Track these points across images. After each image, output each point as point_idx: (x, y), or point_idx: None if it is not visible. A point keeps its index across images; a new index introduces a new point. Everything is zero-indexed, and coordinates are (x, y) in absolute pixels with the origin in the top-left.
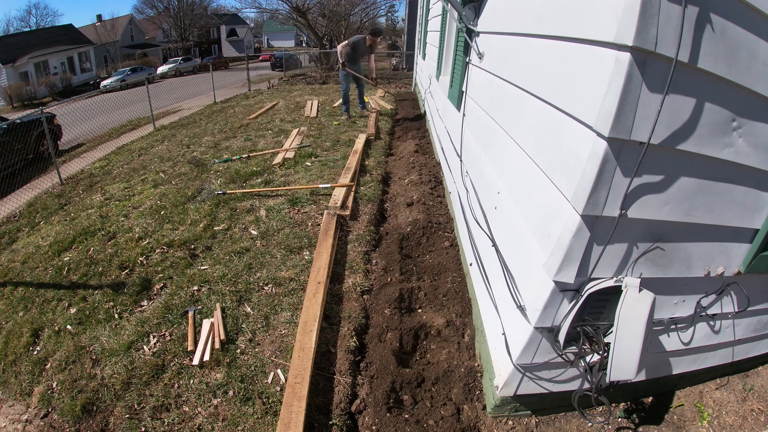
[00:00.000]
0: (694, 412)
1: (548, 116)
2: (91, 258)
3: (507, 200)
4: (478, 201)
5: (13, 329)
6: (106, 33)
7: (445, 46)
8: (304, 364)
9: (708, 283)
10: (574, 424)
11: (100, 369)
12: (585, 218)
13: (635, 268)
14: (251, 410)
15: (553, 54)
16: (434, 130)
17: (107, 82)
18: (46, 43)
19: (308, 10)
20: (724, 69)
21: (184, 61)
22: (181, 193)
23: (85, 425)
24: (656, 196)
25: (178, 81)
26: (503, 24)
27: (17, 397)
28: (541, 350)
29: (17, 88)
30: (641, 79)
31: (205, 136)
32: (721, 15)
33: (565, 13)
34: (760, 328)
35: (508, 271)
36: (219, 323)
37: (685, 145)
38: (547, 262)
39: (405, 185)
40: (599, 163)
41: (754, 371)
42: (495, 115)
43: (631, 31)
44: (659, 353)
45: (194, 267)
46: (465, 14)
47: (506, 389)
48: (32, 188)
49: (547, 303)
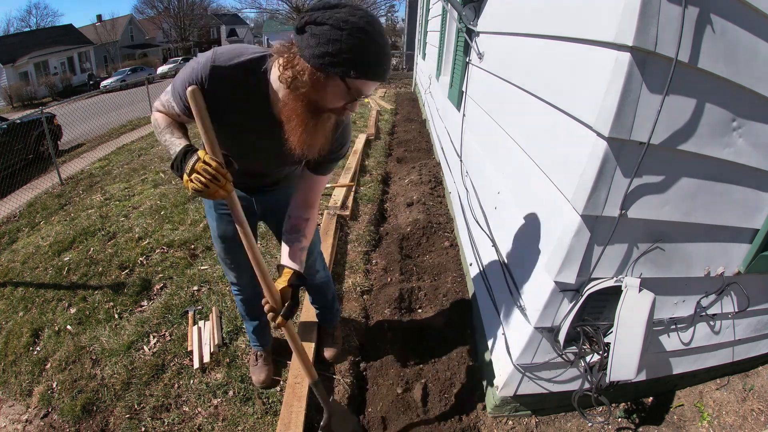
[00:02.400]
0: (694, 412)
1: (548, 116)
2: (91, 258)
3: (507, 200)
4: (478, 201)
5: (13, 329)
6: (106, 33)
7: (445, 46)
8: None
9: (708, 283)
10: (574, 424)
11: (100, 369)
12: (585, 218)
13: (635, 268)
14: (251, 410)
15: (553, 54)
16: (434, 130)
17: (107, 82)
18: (46, 43)
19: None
20: (724, 69)
21: (184, 62)
22: (181, 193)
23: (85, 425)
24: (656, 196)
25: None
26: (503, 24)
27: (17, 397)
28: (541, 350)
29: (17, 88)
30: (641, 79)
31: None
32: (721, 15)
33: (565, 13)
34: (760, 328)
35: (508, 271)
36: (214, 325)
37: (686, 145)
38: (548, 262)
39: (405, 185)
40: (599, 164)
41: (754, 371)
42: (495, 115)
43: (631, 31)
44: (659, 353)
45: (194, 267)
46: (465, 14)
47: (506, 389)
48: (32, 188)
49: (547, 303)
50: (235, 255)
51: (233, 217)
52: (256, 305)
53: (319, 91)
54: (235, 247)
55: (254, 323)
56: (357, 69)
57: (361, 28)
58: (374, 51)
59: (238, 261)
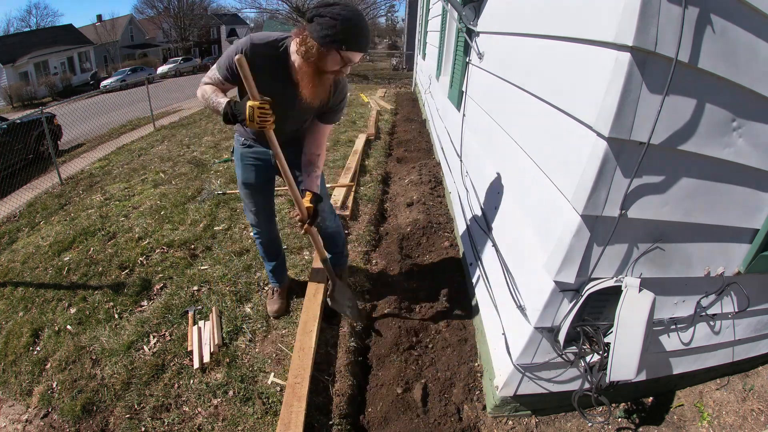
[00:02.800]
0: (694, 412)
1: (548, 116)
2: (91, 258)
3: (507, 200)
4: (478, 201)
5: (13, 329)
6: (106, 33)
7: (445, 46)
8: (304, 364)
9: (708, 283)
10: (574, 424)
11: (100, 369)
12: (585, 218)
13: (635, 268)
14: (251, 410)
15: (553, 54)
16: (434, 130)
17: (107, 82)
18: (46, 43)
19: (308, 10)
20: (724, 69)
21: (184, 61)
22: (181, 193)
23: (85, 425)
24: (656, 196)
25: (178, 81)
26: (503, 24)
27: (17, 397)
28: (541, 350)
29: (17, 88)
30: (641, 79)
31: (206, 136)
32: (721, 15)
33: (565, 13)
34: (760, 328)
35: (508, 271)
36: (214, 325)
37: (686, 145)
38: (548, 262)
39: (405, 185)
40: (599, 164)
41: (754, 371)
42: (495, 115)
43: (631, 31)
44: (659, 353)
45: (194, 267)
46: (465, 14)
47: (506, 389)
48: (32, 188)
49: (547, 303)
50: (255, 199)
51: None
52: (274, 248)
53: (322, 59)
54: (255, 193)
55: (272, 263)
56: (347, 44)
57: (349, 19)
58: (358, 33)
59: (257, 205)
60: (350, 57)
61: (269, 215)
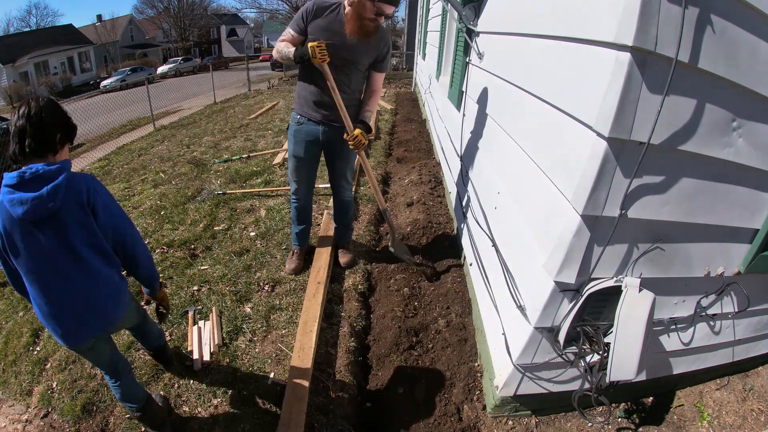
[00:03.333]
0: (694, 412)
1: (548, 116)
2: None
3: (507, 200)
4: (478, 201)
5: (13, 329)
6: (106, 33)
7: (445, 46)
8: (304, 364)
9: (708, 283)
10: (574, 424)
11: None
12: (585, 218)
13: (635, 268)
14: (251, 410)
15: (553, 54)
16: (434, 130)
17: (107, 82)
18: (46, 43)
19: None
20: (724, 69)
21: (184, 61)
22: (181, 193)
23: (85, 425)
24: (656, 196)
25: (178, 81)
26: (503, 24)
27: (17, 397)
28: (541, 350)
29: (17, 88)
30: (641, 79)
31: (205, 136)
32: (721, 15)
33: (565, 13)
34: (760, 328)
35: (508, 271)
36: (214, 325)
37: (686, 145)
38: (548, 262)
39: (405, 185)
40: (599, 164)
41: (754, 371)
42: (495, 115)
43: (631, 31)
44: (659, 353)
45: (194, 267)
46: (465, 14)
47: (506, 389)
48: None
49: (547, 303)
50: (300, 171)
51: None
52: (304, 215)
53: (362, 8)
54: (301, 165)
55: (300, 227)
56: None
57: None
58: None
59: (301, 176)
60: (381, 8)
61: (309, 187)
